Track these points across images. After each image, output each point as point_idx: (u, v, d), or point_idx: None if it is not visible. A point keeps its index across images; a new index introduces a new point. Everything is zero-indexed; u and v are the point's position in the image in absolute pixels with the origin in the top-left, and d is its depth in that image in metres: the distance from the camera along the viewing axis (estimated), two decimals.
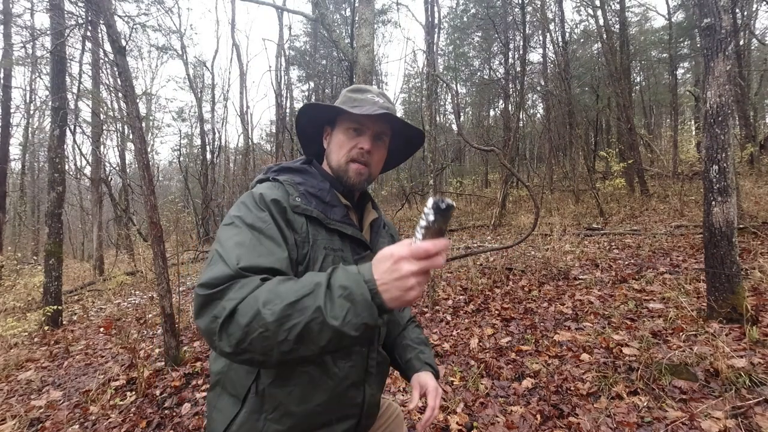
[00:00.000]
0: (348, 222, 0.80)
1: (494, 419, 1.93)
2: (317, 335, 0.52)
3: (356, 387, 0.79)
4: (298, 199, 0.75)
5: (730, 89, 2.57)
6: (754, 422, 1.63)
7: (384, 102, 0.85)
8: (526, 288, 4.01)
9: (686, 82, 17.57)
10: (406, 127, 0.85)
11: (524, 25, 9.51)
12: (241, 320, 0.53)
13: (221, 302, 0.56)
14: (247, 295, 0.55)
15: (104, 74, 10.59)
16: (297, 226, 0.73)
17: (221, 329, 0.54)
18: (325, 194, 0.79)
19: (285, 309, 0.52)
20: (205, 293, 0.57)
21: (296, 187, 0.78)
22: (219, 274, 0.59)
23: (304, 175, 0.82)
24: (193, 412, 2.32)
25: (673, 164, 10.84)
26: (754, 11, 12.32)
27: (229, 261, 0.61)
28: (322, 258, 0.74)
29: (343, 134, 0.83)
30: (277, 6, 6.33)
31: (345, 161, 0.82)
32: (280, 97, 12.86)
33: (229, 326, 0.54)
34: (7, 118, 7.53)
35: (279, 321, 0.52)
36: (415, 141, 0.94)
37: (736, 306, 2.48)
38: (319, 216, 0.75)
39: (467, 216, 11.23)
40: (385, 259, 0.51)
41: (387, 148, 0.89)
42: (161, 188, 24.59)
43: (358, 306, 0.51)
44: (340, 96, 0.89)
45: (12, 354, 3.68)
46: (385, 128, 0.84)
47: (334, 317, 0.51)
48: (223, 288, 0.57)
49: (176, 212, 9.62)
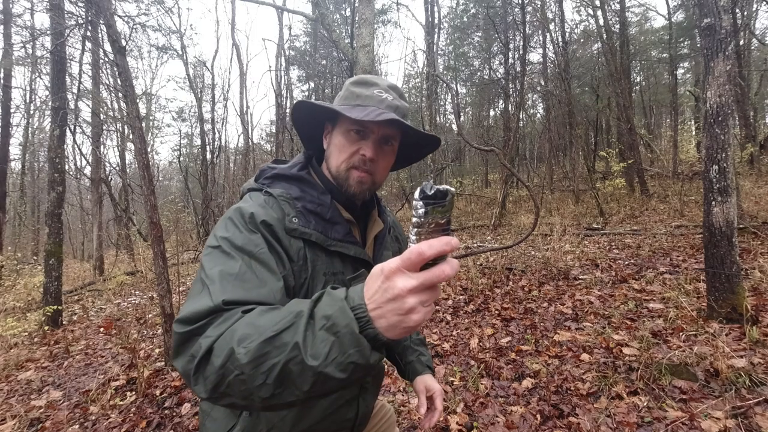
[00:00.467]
0: (350, 240, 0.71)
1: (494, 419, 1.93)
2: (298, 378, 0.42)
3: (349, 404, 0.76)
4: (295, 220, 0.65)
5: (730, 89, 2.57)
6: (754, 422, 1.63)
7: (393, 99, 0.72)
8: (526, 288, 4.01)
9: (686, 82, 17.57)
10: (417, 133, 0.73)
11: (524, 25, 9.52)
12: (216, 361, 0.45)
13: (198, 340, 0.48)
14: (225, 331, 0.47)
15: (104, 74, 10.59)
16: (293, 252, 0.64)
17: (196, 371, 0.46)
18: (325, 211, 0.69)
19: (261, 347, 0.43)
20: (183, 330, 0.49)
21: (293, 203, 0.67)
22: (200, 308, 0.51)
23: (302, 186, 0.71)
24: (193, 412, 2.32)
25: (673, 164, 10.84)
26: (754, 11, 12.33)
27: (213, 293, 0.52)
28: (322, 285, 0.66)
29: (343, 136, 0.71)
30: (277, 6, 6.33)
31: (345, 168, 0.71)
32: (280, 97, 12.86)
33: (205, 368, 0.46)
34: (7, 118, 7.54)
35: (254, 362, 0.43)
36: (428, 143, 0.82)
37: (736, 306, 2.48)
38: (319, 239, 0.67)
39: (467, 216, 11.22)
40: (376, 276, 0.41)
41: (396, 152, 0.76)
42: (161, 188, 24.58)
43: (344, 340, 0.41)
44: (343, 87, 0.76)
45: (12, 354, 3.68)
46: (393, 132, 0.72)
47: (314, 355, 0.41)
48: (203, 324, 0.49)
49: (176, 212, 9.64)
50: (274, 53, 25.61)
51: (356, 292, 0.43)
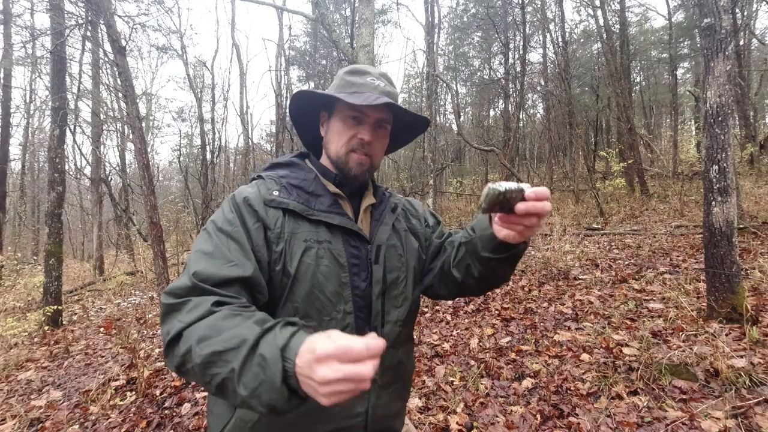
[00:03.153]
0: (336, 211, 0.73)
1: (494, 419, 1.93)
2: (231, 394, 0.49)
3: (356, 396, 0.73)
4: (275, 193, 0.71)
5: (730, 89, 2.57)
6: (754, 422, 1.63)
7: (385, 85, 0.77)
8: (526, 288, 4.01)
9: (686, 82, 17.56)
10: (410, 116, 0.78)
11: (524, 25, 9.52)
12: (181, 348, 0.53)
13: (174, 319, 0.56)
14: (193, 323, 0.54)
15: (104, 74, 10.60)
16: (270, 222, 0.69)
17: (168, 347, 0.55)
18: (308, 184, 0.74)
19: (210, 356, 0.50)
20: (167, 302, 0.58)
21: (278, 180, 0.74)
22: (180, 284, 0.60)
23: (290, 168, 0.78)
24: (193, 412, 2.32)
25: (673, 164, 10.83)
26: (754, 11, 12.32)
27: (189, 271, 0.61)
28: (302, 251, 0.69)
29: (341, 122, 0.76)
30: (277, 6, 6.33)
31: (345, 151, 0.75)
32: (280, 97, 12.84)
33: (174, 348, 0.54)
34: (7, 118, 7.54)
35: (203, 365, 0.50)
36: (418, 126, 0.88)
37: (736, 306, 2.48)
38: (297, 207, 0.70)
39: (467, 216, 11.23)
40: (310, 349, 0.43)
41: (389, 135, 0.82)
42: (161, 188, 24.58)
43: (267, 384, 0.45)
44: (336, 78, 0.80)
45: (12, 354, 3.68)
46: (386, 115, 0.77)
47: (244, 386, 0.47)
48: (180, 302, 0.57)
49: (176, 212, 9.64)
50: (274, 53, 25.61)
51: (296, 345, 0.46)
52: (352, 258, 0.73)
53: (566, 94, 10.48)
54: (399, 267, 0.80)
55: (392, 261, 0.79)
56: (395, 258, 0.80)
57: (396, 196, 0.91)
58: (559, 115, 12.61)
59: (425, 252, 0.89)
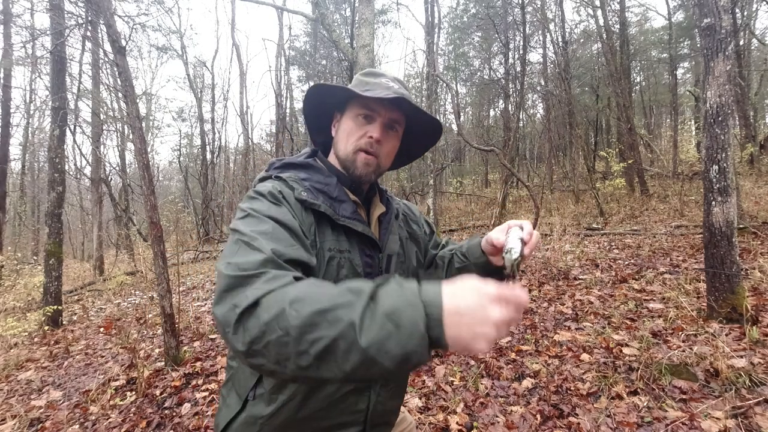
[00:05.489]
0: (358, 218, 0.73)
1: (494, 419, 1.93)
2: (342, 357, 0.42)
3: (358, 393, 0.73)
4: (304, 194, 0.69)
5: (730, 89, 2.57)
6: (754, 422, 1.63)
7: (399, 88, 0.77)
8: (526, 288, 4.00)
9: (686, 82, 17.58)
10: (420, 115, 0.76)
11: (524, 25, 9.52)
12: (263, 315, 0.45)
13: (245, 291, 0.49)
14: (276, 289, 0.48)
15: (104, 74, 10.59)
16: (306, 227, 0.66)
17: (238, 321, 0.47)
18: (332, 189, 0.73)
19: (313, 315, 0.43)
20: (234, 274, 0.51)
21: (301, 183, 0.72)
22: (251, 258, 0.53)
23: (308, 171, 0.76)
24: (193, 412, 2.32)
25: (673, 164, 10.83)
26: (754, 11, 12.31)
27: (262, 247, 0.55)
28: (326, 262, 0.67)
29: (351, 121, 0.75)
30: (277, 6, 6.33)
31: (352, 150, 0.74)
32: (280, 97, 12.85)
33: (249, 320, 0.46)
34: (7, 118, 7.53)
35: (302, 327, 0.42)
36: (431, 133, 0.84)
37: (736, 306, 2.48)
38: (327, 211, 0.69)
39: (467, 216, 11.22)
40: (472, 290, 0.42)
41: (400, 139, 0.80)
42: (161, 188, 24.59)
43: (404, 332, 0.40)
44: (353, 80, 0.82)
45: (12, 354, 3.68)
46: (398, 116, 0.76)
47: (368, 339, 0.40)
48: (252, 274, 0.51)
49: (176, 212, 9.65)
50: (274, 53, 25.62)
51: (431, 289, 0.43)
52: (367, 267, 0.75)
53: (566, 94, 10.47)
54: (403, 275, 0.82)
55: (399, 269, 0.82)
56: (399, 266, 0.83)
57: (395, 199, 0.92)
58: (559, 115, 12.60)
59: (423, 256, 0.93)
